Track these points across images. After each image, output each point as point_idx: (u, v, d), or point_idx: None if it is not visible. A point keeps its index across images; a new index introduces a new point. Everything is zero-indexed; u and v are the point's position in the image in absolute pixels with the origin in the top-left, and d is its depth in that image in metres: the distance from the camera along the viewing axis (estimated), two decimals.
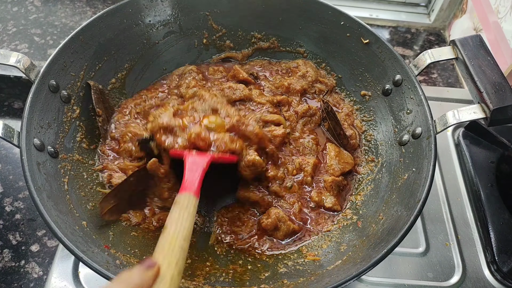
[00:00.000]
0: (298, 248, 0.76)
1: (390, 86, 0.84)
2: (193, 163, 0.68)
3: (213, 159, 0.71)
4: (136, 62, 0.93)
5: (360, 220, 0.77)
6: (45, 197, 0.64)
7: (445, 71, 1.26)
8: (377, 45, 0.85)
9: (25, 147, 0.65)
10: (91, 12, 1.27)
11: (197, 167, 0.67)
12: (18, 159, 0.99)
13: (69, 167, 0.75)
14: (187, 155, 0.70)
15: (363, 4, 1.40)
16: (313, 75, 0.95)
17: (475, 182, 0.95)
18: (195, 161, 0.68)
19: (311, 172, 0.82)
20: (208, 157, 0.70)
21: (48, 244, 0.86)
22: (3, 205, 0.91)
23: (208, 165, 0.69)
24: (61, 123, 0.76)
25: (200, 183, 0.64)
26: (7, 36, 1.17)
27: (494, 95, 0.67)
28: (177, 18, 0.95)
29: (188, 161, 0.68)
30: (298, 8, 0.94)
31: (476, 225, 0.91)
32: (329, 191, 0.81)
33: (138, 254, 0.70)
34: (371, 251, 0.66)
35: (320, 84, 0.96)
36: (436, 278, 0.83)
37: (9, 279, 0.82)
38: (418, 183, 0.70)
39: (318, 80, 0.96)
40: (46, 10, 1.26)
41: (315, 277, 0.68)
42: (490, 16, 1.11)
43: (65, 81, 0.78)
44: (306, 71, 0.95)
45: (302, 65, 0.97)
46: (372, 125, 0.89)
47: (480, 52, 0.72)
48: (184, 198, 0.58)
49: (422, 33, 1.36)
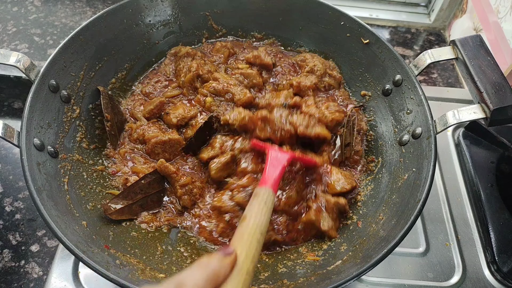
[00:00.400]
0: (298, 248, 0.76)
1: (390, 86, 0.84)
2: (275, 158, 0.69)
3: (294, 158, 0.71)
4: (136, 62, 0.93)
5: (360, 220, 0.77)
6: (45, 197, 0.64)
7: (445, 71, 1.26)
8: (377, 45, 0.85)
9: (25, 147, 0.66)
10: (91, 12, 1.27)
11: (278, 163, 0.67)
12: (18, 159, 0.99)
13: (69, 167, 0.75)
14: (270, 149, 0.71)
15: (363, 4, 1.40)
16: (321, 68, 0.91)
17: (475, 182, 0.95)
18: (277, 157, 0.69)
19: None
20: (290, 154, 0.71)
21: (48, 244, 0.86)
22: (3, 205, 0.91)
23: (289, 163, 0.70)
24: (61, 123, 0.76)
25: (279, 179, 0.65)
26: (7, 36, 1.17)
27: (494, 95, 0.67)
28: (177, 18, 0.95)
29: (270, 156, 0.69)
30: (298, 8, 0.94)
31: (476, 225, 0.91)
32: (329, 213, 0.75)
33: (138, 254, 0.70)
34: (371, 251, 0.66)
35: (328, 77, 0.92)
36: (436, 278, 0.83)
37: (9, 279, 0.81)
38: (418, 183, 0.70)
39: (327, 73, 0.93)
40: (46, 10, 1.26)
41: (315, 277, 0.68)
42: (490, 16, 1.11)
43: (65, 81, 0.78)
44: (314, 64, 0.92)
45: (310, 58, 0.94)
46: (372, 125, 0.89)
47: (480, 52, 0.72)
48: (264, 192, 0.58)
49: (422, 33, 1.36)
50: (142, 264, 0.67)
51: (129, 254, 0.69)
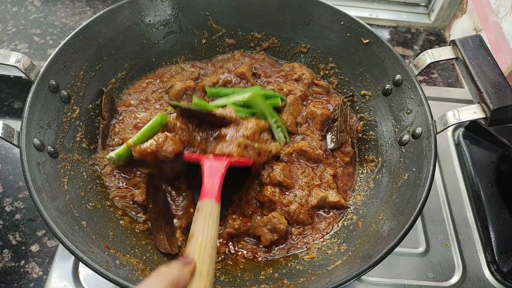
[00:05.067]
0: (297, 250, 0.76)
1: (390, 86, 0.84)
2: (212, 168, 0.66)
3: (230, 163, 0.69)
4: (136, 62, 0.93)
5: (360, 220, 0.77)
6: (45, 197, 0.64)
7: (445, 71, 1.26)
8: (377, 45, 0.85)
9: (25, 147, 0.65)
10: (91, 12, 1.27)
11: (216, 172, 0.65)
12: (18, 159, 0.99)
13: (69, 167, 0.75)
14: (205, 160, 0.68)
15: (363, 4, 1.39)
16: (309, 77, 0.95)
17: (475, 182, 0.95)
18: (213, 166, 0.67)
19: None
20: (225, 161, 0.69)
21: (48, 244, 0.86)
22: (3, 205, 0.91)
23: (226, 170, 0.67)
24: (61, 123, 0.76)
25: (220, 188, 0.63)
26: (7, 36, 1.17)
27: (494, 95, 0.67)
28: (177, 18, 0.95)
29: (206, 167, 0.67)
30: (298, 8, 0.94)
31: (476, 225, 0.91)
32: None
33: (138, 254, 0.70)
34: (371, 251, 0.66)
35: (316, 87, 0.96)
36: (436, 278, 0.83)
37: (9, 279, 0.81)
38: (418, 183, 0.70)
39: (314, 83, 0.96)
40: (46, 10, 1.26)
41: (315, 277, 0.68)
42: (490, 16, 1.11)
43: (65, 81, 0.78)
44: (302, 73, 0.95)
45: (298, 67, 0.97)
46: (372, 125, 0.89)
47: (480, 52, 0.71)
48: (207, 205, 0.57)
49: (422, 33, 1.36)
50: (142, 264, 0.67)
51: (129, 254, 0.69)
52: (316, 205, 0.79)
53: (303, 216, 0.77)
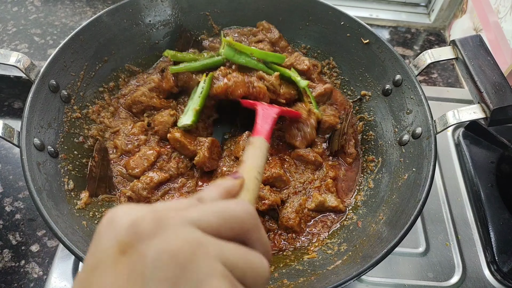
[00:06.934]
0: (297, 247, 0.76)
1: (390, 86, 0.84)
2: (264, 112, 0.74)
3: (283, 110, 0.77)
4: (136, 62, 0.93)
5: (360, 220, 0.77)
6: (45, 197, 0.64)
7: (445, 71, 1.26)
8: (377, 45, 0.85)
9: (25, 147, 0.65)
10: (91, 12, 1.27)
11: (268, 117, 0.72)
12: (18, 159, 0.99)
13: (69, 167, 0.75)
14: (259, 105, 0.76)
15: (363, 4, 1.39)
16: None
17: (475, 182, 0.95)
18: (266, 111, 0.74)
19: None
20: (278, 108, 0.76)
21: (48, 244, 0.86)
22: (3, 205, 0.91)
23: (278, 116, 0.74)
24: (61, 123, 0.76)
25: (271, 131, 0.69)
26: (7, 36, 1.17)
27: (494, 95, 0.67)
28: (177, 18, 0.95)
29: (260, 110, 0.74)
30: (298, 8, 0.94)
31: (476, 225, 0.91)
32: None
33: None
34: (371, 251, 0.66)
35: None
36: (436, 278, 0.83)
37: (9, 279, 0.81)
38: (418, 183, 0.70)
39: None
40: (46, 10, 1.26)
41: (315, 277, 0.68)
42: (490, 16, 1.11)
43: (65, 81, 0.78)
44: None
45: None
46: (372, 125, 0.89)
47: (480, 52, 0.72)
48: (258, 140, 0.61)
49: (422, 33, 1.36)
50: None
51: None
52: (314, 209, 0.79)
53: (295, 221, 0.77)
